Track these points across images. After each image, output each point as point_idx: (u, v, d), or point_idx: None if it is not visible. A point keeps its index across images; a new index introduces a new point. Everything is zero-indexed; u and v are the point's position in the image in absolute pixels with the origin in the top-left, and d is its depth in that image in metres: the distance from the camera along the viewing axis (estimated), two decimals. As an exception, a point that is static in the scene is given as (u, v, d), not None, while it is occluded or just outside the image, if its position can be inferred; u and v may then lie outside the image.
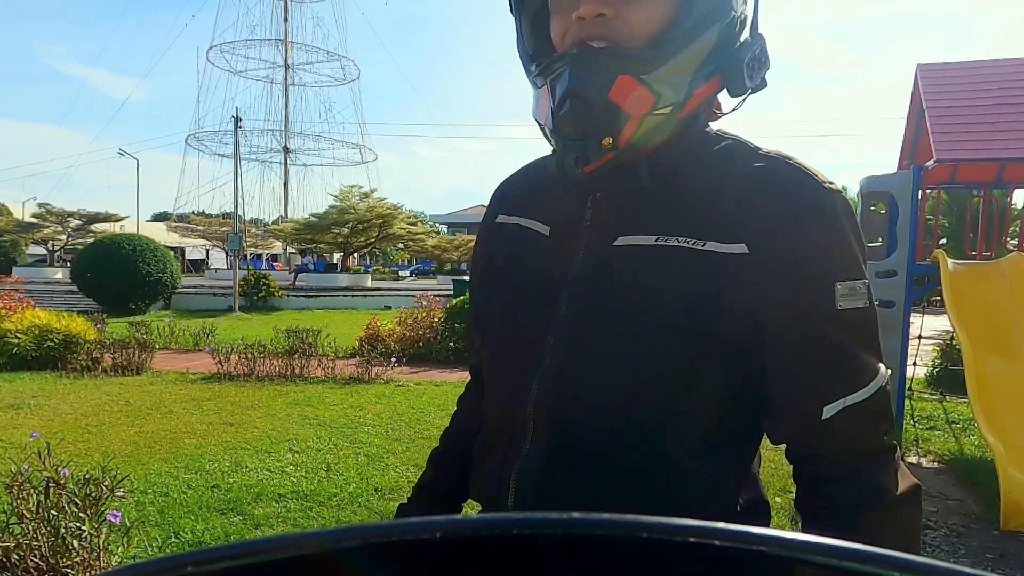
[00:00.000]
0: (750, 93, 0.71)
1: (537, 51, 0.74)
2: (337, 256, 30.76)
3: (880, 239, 6.16)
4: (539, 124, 0.72)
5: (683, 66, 0.66)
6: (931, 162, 5.49)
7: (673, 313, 0.66)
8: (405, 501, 0.96)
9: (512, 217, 0.83)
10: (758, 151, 0.71)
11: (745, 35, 0.71)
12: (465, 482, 0.87)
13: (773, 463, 4.56)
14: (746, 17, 0.70)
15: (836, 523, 0.66)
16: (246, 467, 4.37)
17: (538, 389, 0.72)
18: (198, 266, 43.15)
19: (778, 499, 3.83)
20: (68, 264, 25.57)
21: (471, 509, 0.91)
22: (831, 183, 0.69)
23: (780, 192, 0.67)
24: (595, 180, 0.70)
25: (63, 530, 2.52)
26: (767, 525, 0.73)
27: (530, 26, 0.75)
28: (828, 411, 0.66)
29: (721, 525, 0.23)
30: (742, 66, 0.69)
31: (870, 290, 0.68)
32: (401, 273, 39.05)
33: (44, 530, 2.51)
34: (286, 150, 47.83)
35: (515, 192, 0.87)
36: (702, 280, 0.66)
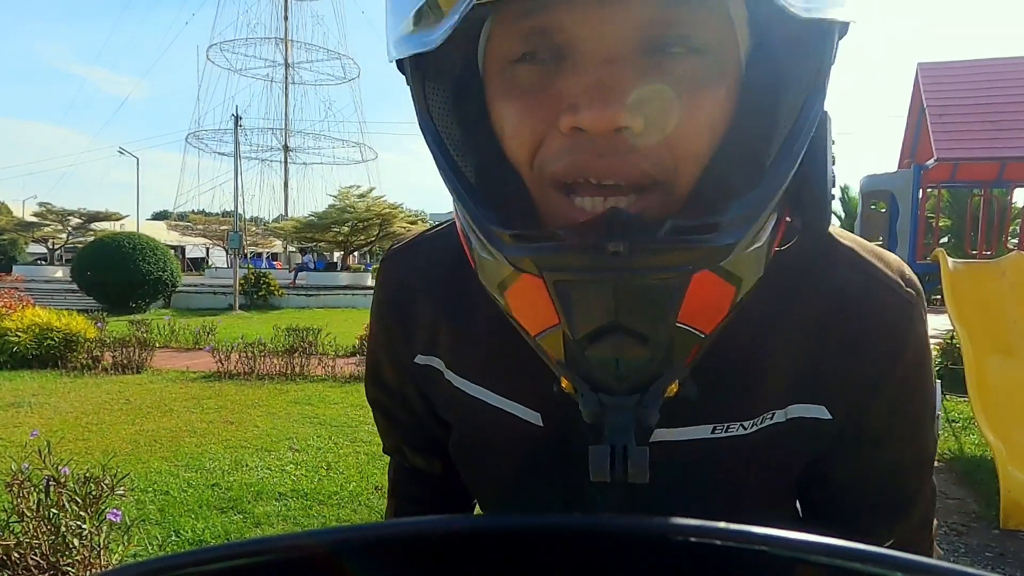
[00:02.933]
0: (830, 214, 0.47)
1: (480, 172, 0.43)
2: (337, 255, 30.77)
3: (880, 238, 6.17)
4: (490, 283, 0.44)
5: (764, 218, 0.39)
6: (931, 161, 5.49)
7: (741, 498, 0.54)
8: None
9: (465, 383, 0.58)
10: (835, 259, 0.51)
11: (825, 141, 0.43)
12: None
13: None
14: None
15: None
16: (246, 466, 4.37)
17: None
18: (198, 265, 43.18)
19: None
20: (68, 263, 25.56)
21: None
22: (906, 279, 0.52)
23: (852, 318, 0.50)
24: None
25: (63, 528, 2.52)
26: None
27: (452, 104, 0.44)
28: (885, 537, 0.59)
29: (722, 525, 0.23)
30: (824, 189, 0.42)
31: (936, 419, 0.59)
32: (401, 272, 38.86)
33: (44, 528, 2.51)
34: (286, 148, 47.83)
35: (428, 328, 0.59)
36: (768, 456, 0.53)
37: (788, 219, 0.43)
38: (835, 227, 0.52)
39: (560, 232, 0.37)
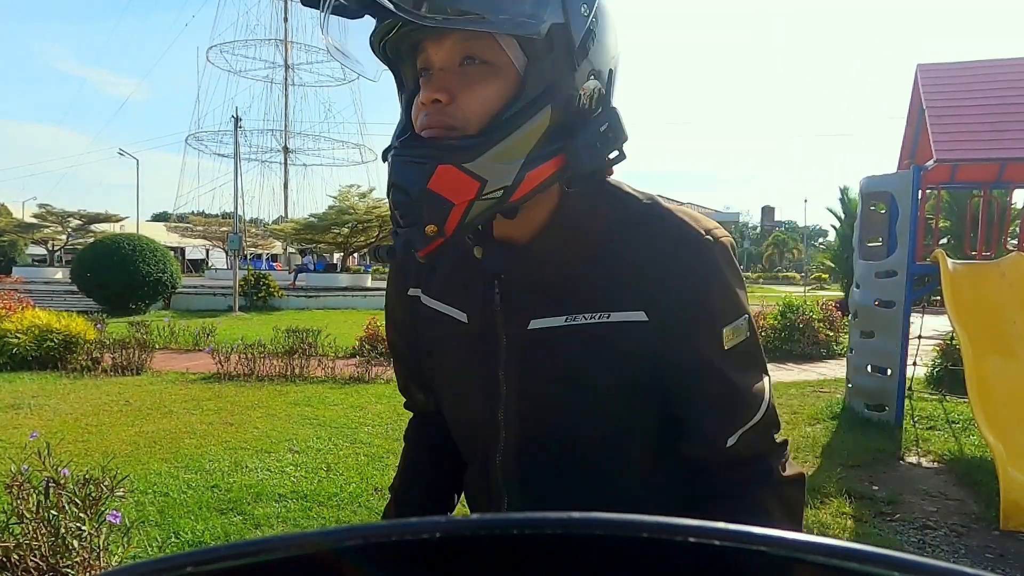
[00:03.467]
0: (613, 163, 0.73)
1: (404, 129, 0.74)
2: (337, 256, 30.76)
3: (880, 239, 6.16)
4: None
5: (510, 151, 0.66)
6: (931, 162, 5.48)
7: (596, 380, 0.75)
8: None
9: (430, 300, 0.86)
10: (640, 210, 0.76)
11: (598, 112, 0.71)
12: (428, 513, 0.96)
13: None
14: (599, 94, 0.71)
15: (728, 497, 0.76)
16: (246, 467, 4.37)
17: (501, 461, 0.82)
18: (198, 266, 43.18)
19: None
20: (68, 264, 25.56)
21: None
22: (709, 231, 0.74)
23: (664, 255, 0.73)
24: (492, 263, 0.77)
25: (63, 530, 2.52)
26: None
27: (406, 104, 0.75)
28: (731, 440, 0.75)
29: (721, 525, 0.23)
30: (587, 144, 0.69)
31: (750, 321, 0.76)
32: (401, 273, 38.90)
33: (44, 530, 2.51)
34: (286, 150, 47.82)
35: (417, 266, 0.88)
36: (613, 348, 0.74)
37: (565, 162, 0.70)
38: (662, 196, 0.77)
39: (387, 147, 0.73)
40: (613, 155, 0.72)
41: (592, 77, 0.69)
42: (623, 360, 0.74)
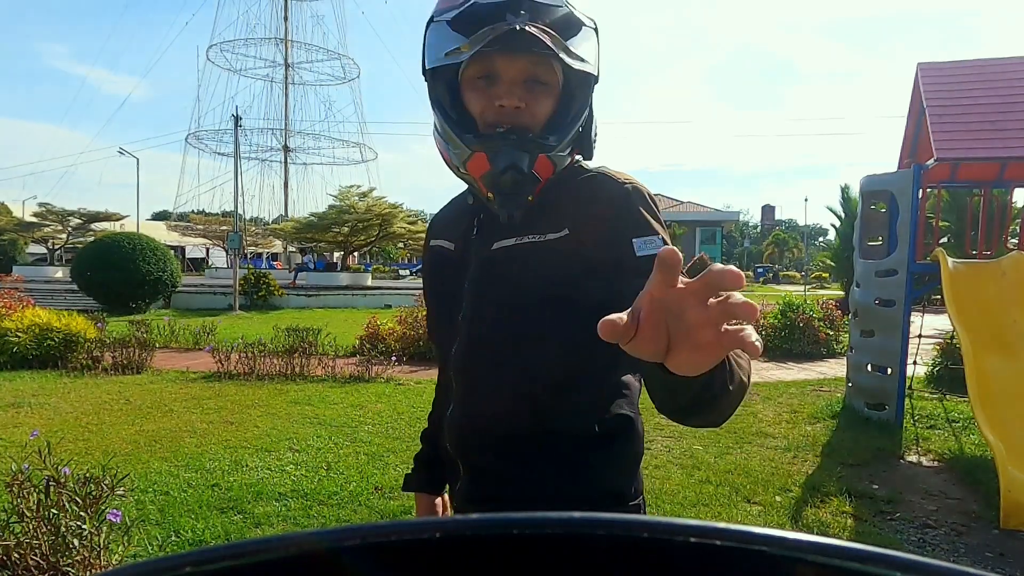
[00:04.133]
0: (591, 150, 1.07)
1: (461, 118, 0.97)
2: (337, 255, 30.75)
3: (880, 238, 6.16)
4: (456, 167, 0.99)
5: (566, 144, 0.98)
6: (931, 161, 5.48)
7: (537, 285, 0.96)
8: (405, 497, 1.10)
9: (436, 240, 1.14)
10: (584, 170, 1.03)
11: (592, 120, 1.04)
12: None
13: (773, 462, 4.57)
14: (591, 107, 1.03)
15: None
16: (246, 466, 4.37)
17: (455, 356, 1.03)
18: (198, 265, 43.15)
19: (778, 498, 3.83)
20: (68, 263, 25.55)
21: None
22: (627, 180, 1.00)
23: (588, 194, 0.98)
24: (480, 204, 1.04)
25: (63, 529, 2.52)
26: (631, 435, 1.01)
27: (447, 90, 0.98)
28: None
29: (722, 525, 0.23)
30: (589, 140, 1.04)
31: (666, 241, 0.92)
32: (401, 272, 39.00)
33: (44, 529, 2.51)
34: (286, 149, 47.83)
35: (438, 221, 1.18)
36: (546, 260, 0.96)
37: (577, 152, 1.04)
38: (605, 164, 1.06)
39: (498, 134, 0.96)
40: (595, 146, 1.06)
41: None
42: (553, 269, 0.95)
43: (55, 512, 2.53)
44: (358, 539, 0.24)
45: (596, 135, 1.05)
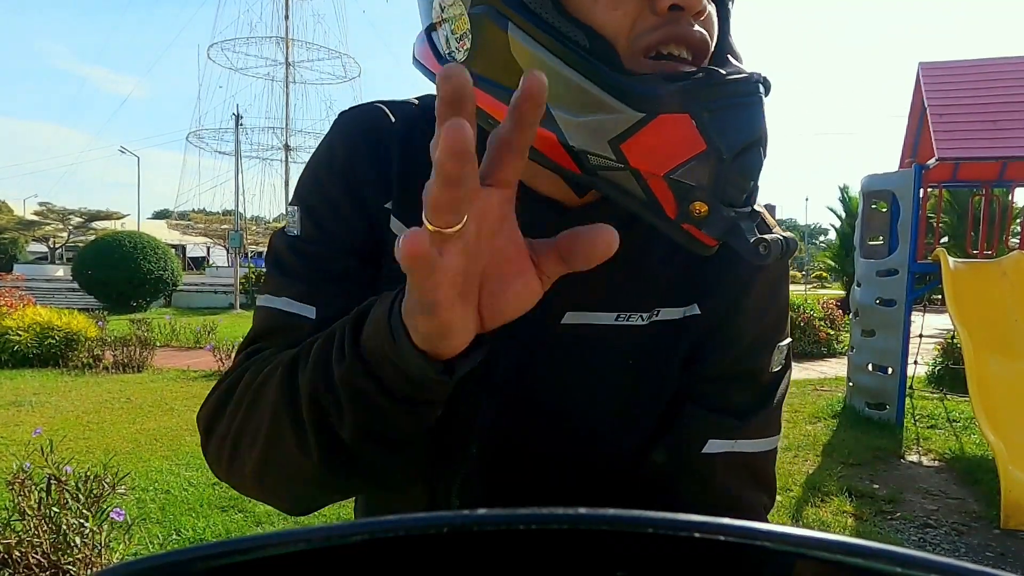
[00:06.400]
0: None
1: (595, 45, 0.49)
2: (338, 254, 30.72)
3: (881, 238, 6.16)
4: (586, 150, 0.49)
5: None
6: (932, 160, 5.48)
7: (627, 397, 0.62)
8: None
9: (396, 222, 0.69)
10: None
11: None
12: None
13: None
14: None
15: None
16: (247, 464, 4.37)
17: (463, 481, 0.61)
18: (199, 264, 43.19)
19: (778, 497, 3.83)
20: (69, 261, 25.58)
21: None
22: (784, 235, 0.63)
23: (728, 254, 0.54)
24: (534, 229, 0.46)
25: (65, 527, 2.53)
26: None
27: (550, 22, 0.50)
28: (710, 446, 0.62)
29: (726, 521, 0.23)
30: None
31: (789, 349, 0.67)
32: (402, 271, 38.93)
33: (46, 527, 2.51)
34: (287, 148, 47.77)
35: (397, 174, 0.70)
36: (655, 353, 0.62)
37: None
38: None
39: (710, 69, 0.50)
40: None
41: None
42: (660, 367, 0.62)
43: (56, 510, 2.54)
44: (362, 535, 0.24)
45: None
